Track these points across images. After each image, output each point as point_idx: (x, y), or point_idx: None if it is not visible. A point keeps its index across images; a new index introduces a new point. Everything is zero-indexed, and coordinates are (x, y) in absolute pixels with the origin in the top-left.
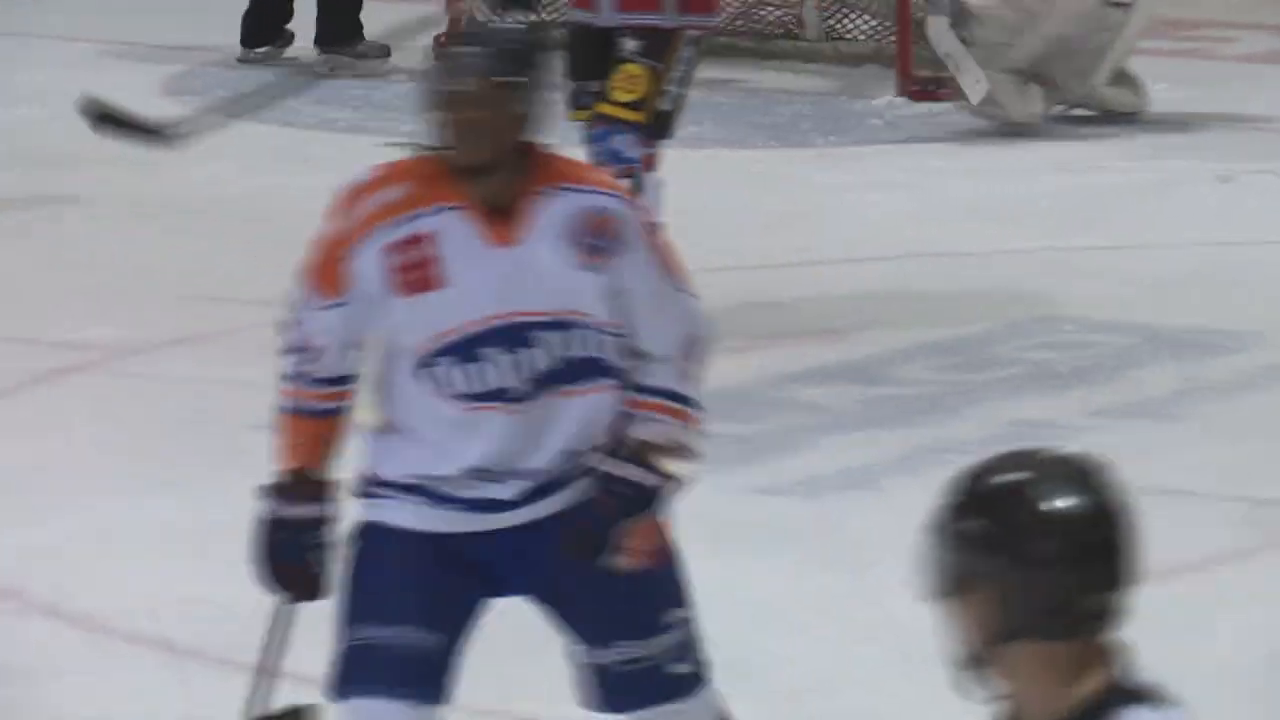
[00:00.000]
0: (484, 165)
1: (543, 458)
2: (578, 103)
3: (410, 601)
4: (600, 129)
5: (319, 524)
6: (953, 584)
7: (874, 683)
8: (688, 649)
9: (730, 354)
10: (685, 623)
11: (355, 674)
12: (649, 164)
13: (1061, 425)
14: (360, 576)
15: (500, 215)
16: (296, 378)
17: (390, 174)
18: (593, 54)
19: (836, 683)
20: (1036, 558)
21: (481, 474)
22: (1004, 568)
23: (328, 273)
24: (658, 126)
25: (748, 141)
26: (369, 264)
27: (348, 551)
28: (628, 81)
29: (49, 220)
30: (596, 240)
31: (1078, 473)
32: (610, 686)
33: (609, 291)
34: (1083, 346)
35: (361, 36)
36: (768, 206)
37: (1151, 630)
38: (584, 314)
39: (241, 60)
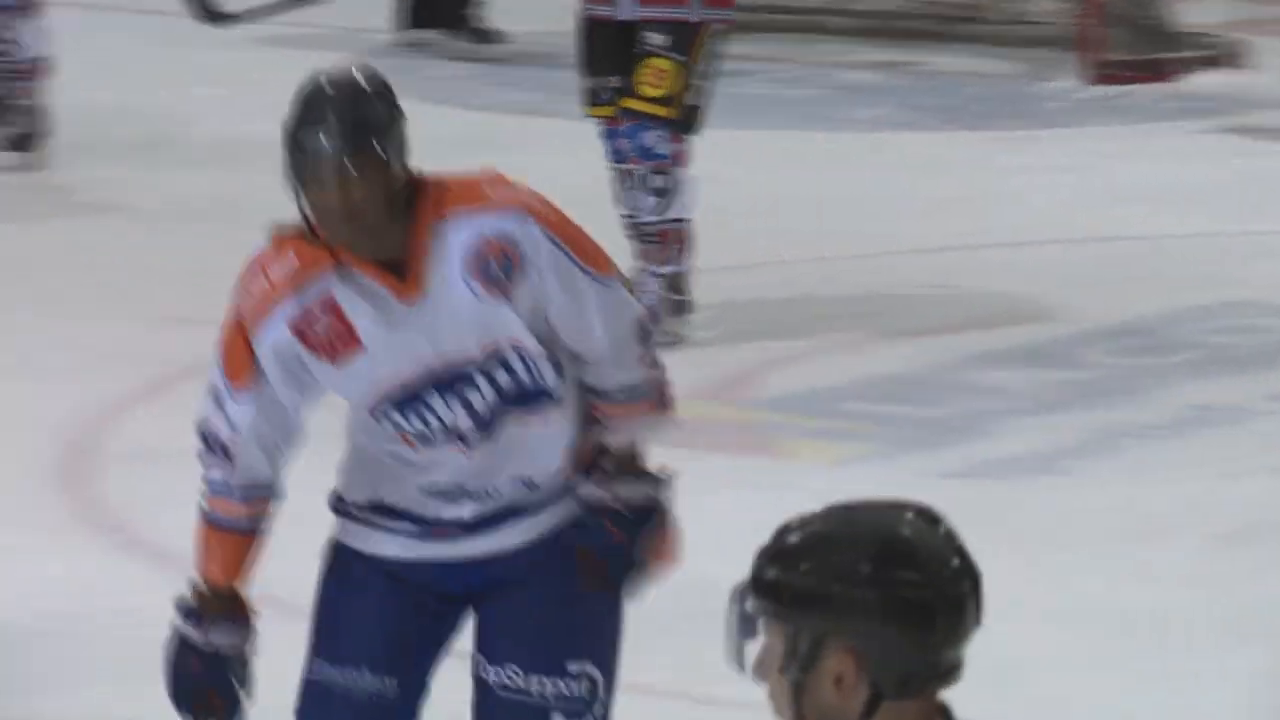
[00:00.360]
0: (357, 240)
1: (501, 484)
2: (596, 99)
3: (365, 641)
4: (629, 125)
5: (235, 651)
6: (807, 650)
7: (1062, 667)
8: (580, 709)
9: (907, 338)
10: (590, 682)
11: (310, 713)
12: (679, 160)
13: (1243, 409)
14: (324, 602)
15: (395, 266)
16: (218, 487)
17: (278, 247)
18: (612, 49)
19: (1025, 668)
20: (904, 615)
21: (440, 494)
22: (872, 626)
23: (237, 359)
24: (686, 122)
25: (921, 125)
26: (274, 345)
27: (320, 565)
28: (656, 76)
29: None
30: (499, 269)
31: (930, 521)
32: (484, 707)
33: (528, 314)
34: (1264, 330)
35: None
36: (934, 191)
37: None
38: (512, 344)
39: None
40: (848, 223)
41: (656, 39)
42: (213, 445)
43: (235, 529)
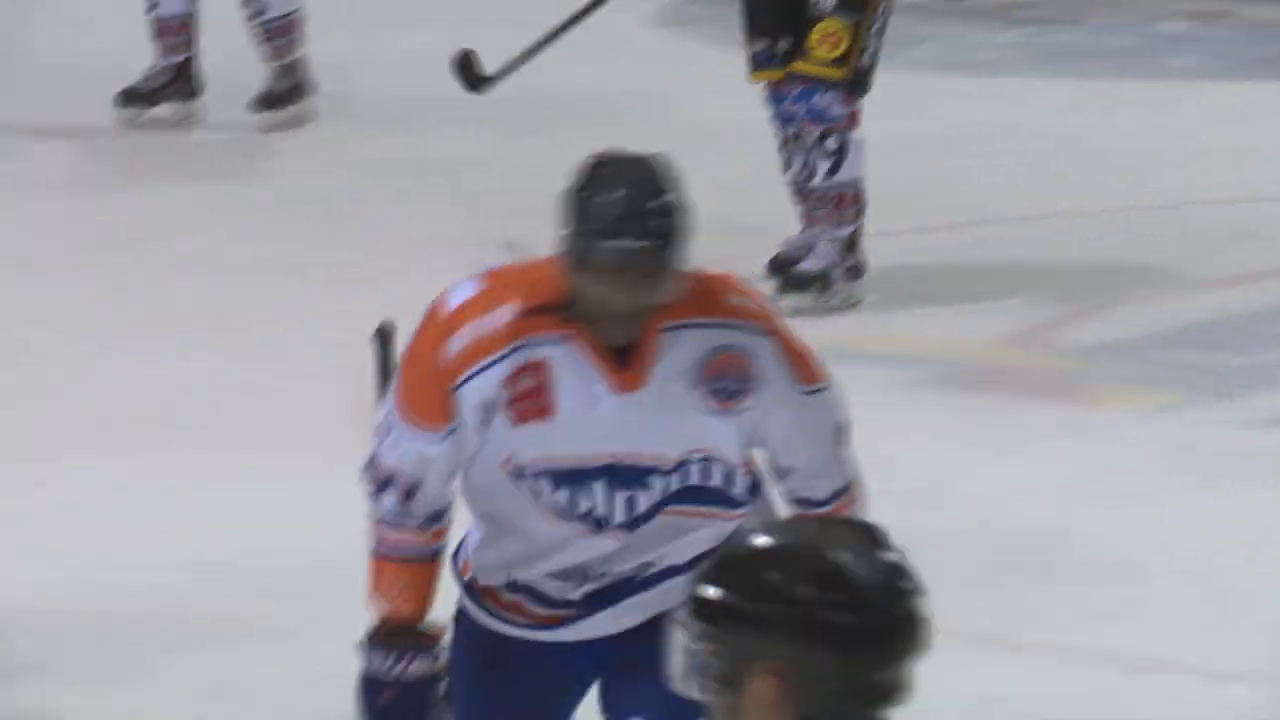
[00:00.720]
0: (613, 332)
1: (633, 567)
2: (761, 63)
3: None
4: (801, 88)
5: (432, 681)
6: (731, 671)
7: None
8: None
9: (1208, 289)
10: None
11: None
12: (853, 121)
13: None
14: (461, 678)
15: (619, 352)
16: (395, 519)
17: (495, 294)
18: (780, 11)
19: None
20: (827, 637)
21: (566, 575)
22: (797, 648)
23: (431, 403)
24: (858, 83)
25: (1233, 74)
26: (478, 395)
27: (452, 639)
28: (828, 38)
29: None
30: (728, 384)
31: (870, 543)
32: None
33: (744, 432)
34: None
35: None
36: (1237, 140)
37: None
38: (710, 453)
39: None
40: (1148, 171)
41: (827, 1)
42: (392, 481)
43: (418, 558)
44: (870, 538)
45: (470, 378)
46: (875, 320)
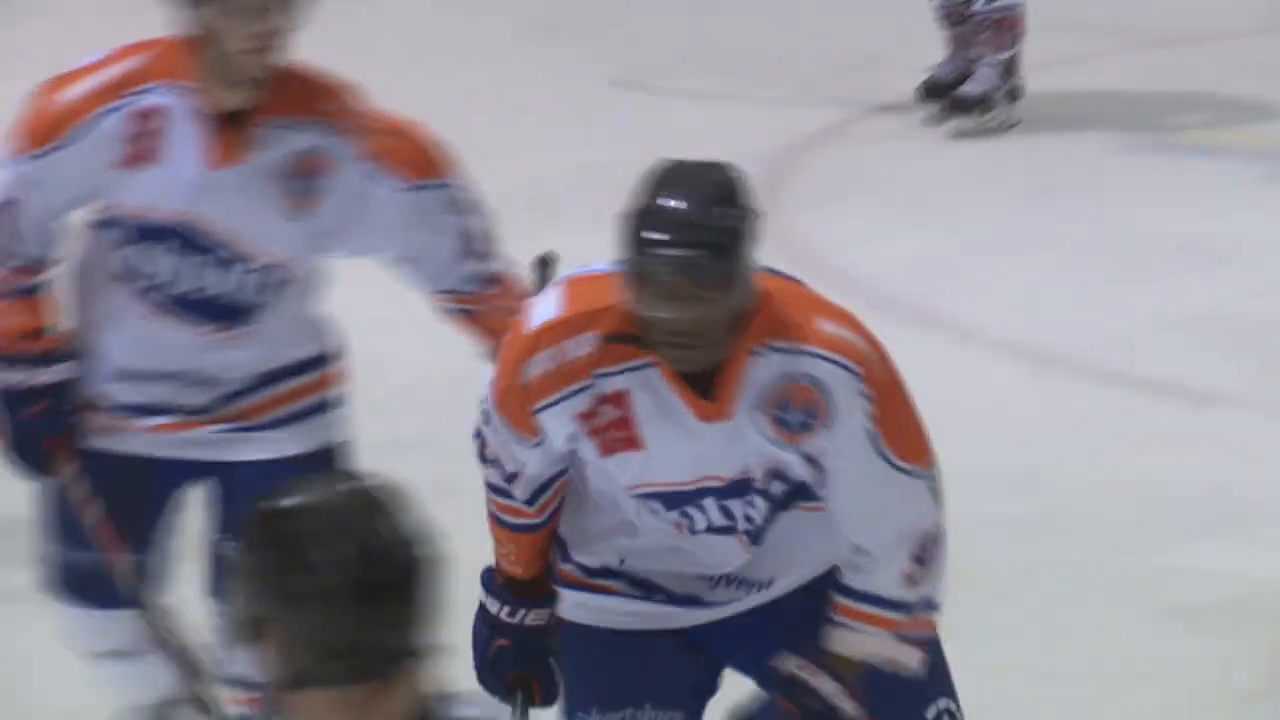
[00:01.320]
0: (682, 357)
1: (768, 572)
2: None
3: (644, 681)
4: None
5: (551, 630)
6: (247, 626)
7: None
8: None
9: None
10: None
11: None
12: None
13: None
14: (576, 663)
15: (700, 377)
16: (501, 492)
17: (576, 320)
18: None
19: None
20: (308, 597)
21: (709, 580)
22: (282, 609)
23: (517, 415)
24: None
25: None
26: (557, 424)
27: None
28: None
29: None
30: (799, 417)
31: (363, 504)
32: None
33: (811, 463)
34: None
35: None
36: None
37: None
38: (789, 469)
39: None
40: None
41: None
42: (496, 462)
43: (525, 529)
44: (375, 500)
45: (548, 405)
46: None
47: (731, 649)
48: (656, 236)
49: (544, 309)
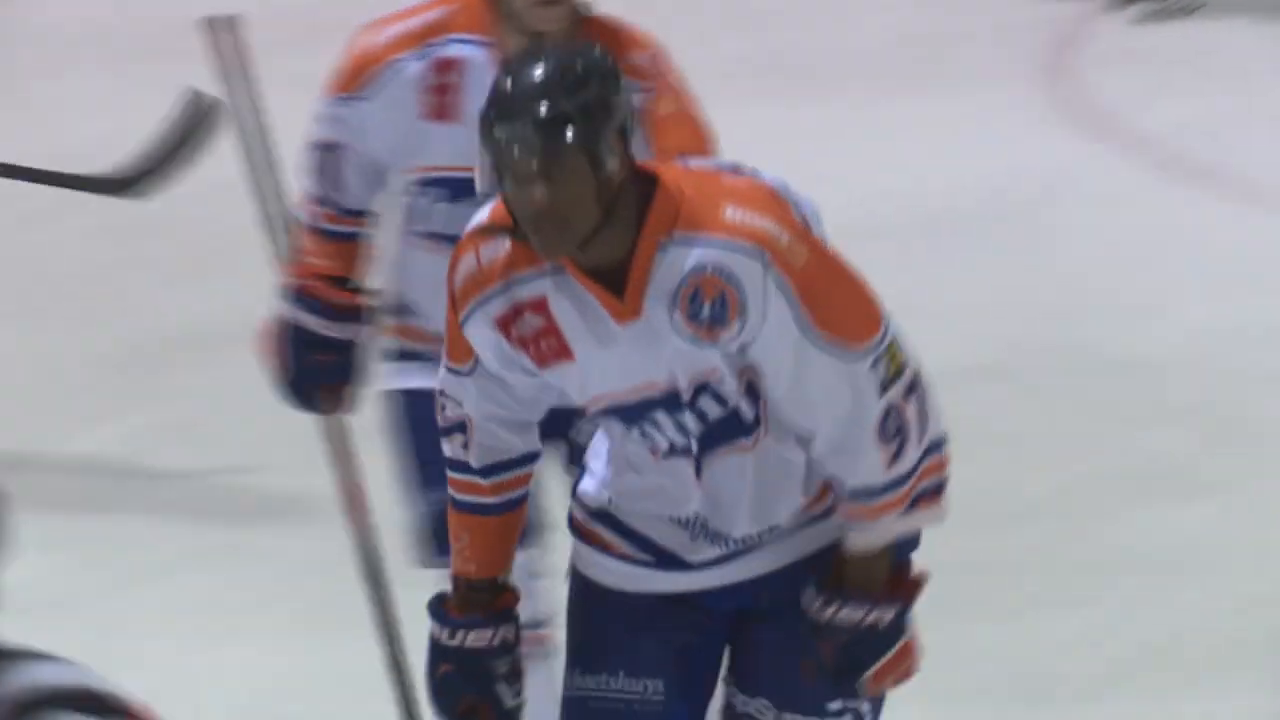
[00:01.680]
0: (553, 246)
1: (740, 524)
2: None
3: (642, 652)
4: None
5: (496, 651)
6: None
7: None
8: None
9: None
10: (856, 716)
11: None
12: None
13: None
14: (580, 617)
15: (611, 276)
16: (457, 466)
17: (494, 225)
18: None
19: None
20: None
21: (683, 525)
22: None
23: (452, 338)
24: None
25: None
26: (482, 335)
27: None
28: None
29: None
30: (710, 311)
31: None
32: None
33: (735, 360)
34: None
35: None
36: None
37: None
38: (713, 377)
39: None
40: None
41: None
42: (450, 422)
43: (481, 511)
44: None
45: (470, 314)
46: None
47: (726, 622)
48: (496, 116)
49: (472, 220)
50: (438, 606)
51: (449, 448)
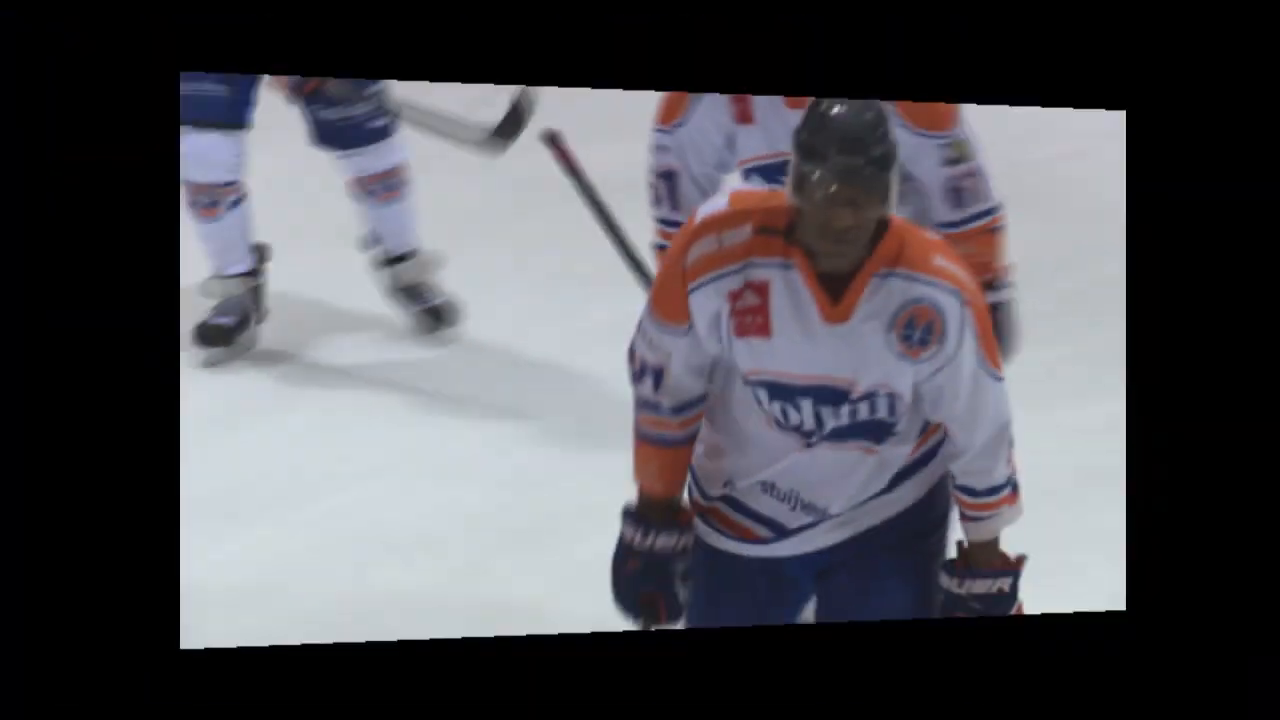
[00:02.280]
0: (827, 256)
1: (830, 501)
2: None
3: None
4: None
5: (678, 554)
6: None
7: None
8: None
9: None
10: None
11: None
12: None
13: None
14: (696, 585)
15: (832, 284)
16: (650, 405)
17: (736, 215)
18: None
19: None
20: None
21: (776, 494)
22: None
23: (672, 302)
24: None
25: None
26: (708, 303)
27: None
28: None
29: None
30: (919, 334)
31: None
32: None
33: (925, 378)
34: None
35: None
36: None
37: None
38: (892, 390)
39: None
40: None
41: None
42: (645, 370)
43: (669, 444)
44: None
45: (704, 284)
46: None
47: (814, 583)
48: (831, 148)
49: (708, 207)
50: (629, 513)
51: (641, 390)
